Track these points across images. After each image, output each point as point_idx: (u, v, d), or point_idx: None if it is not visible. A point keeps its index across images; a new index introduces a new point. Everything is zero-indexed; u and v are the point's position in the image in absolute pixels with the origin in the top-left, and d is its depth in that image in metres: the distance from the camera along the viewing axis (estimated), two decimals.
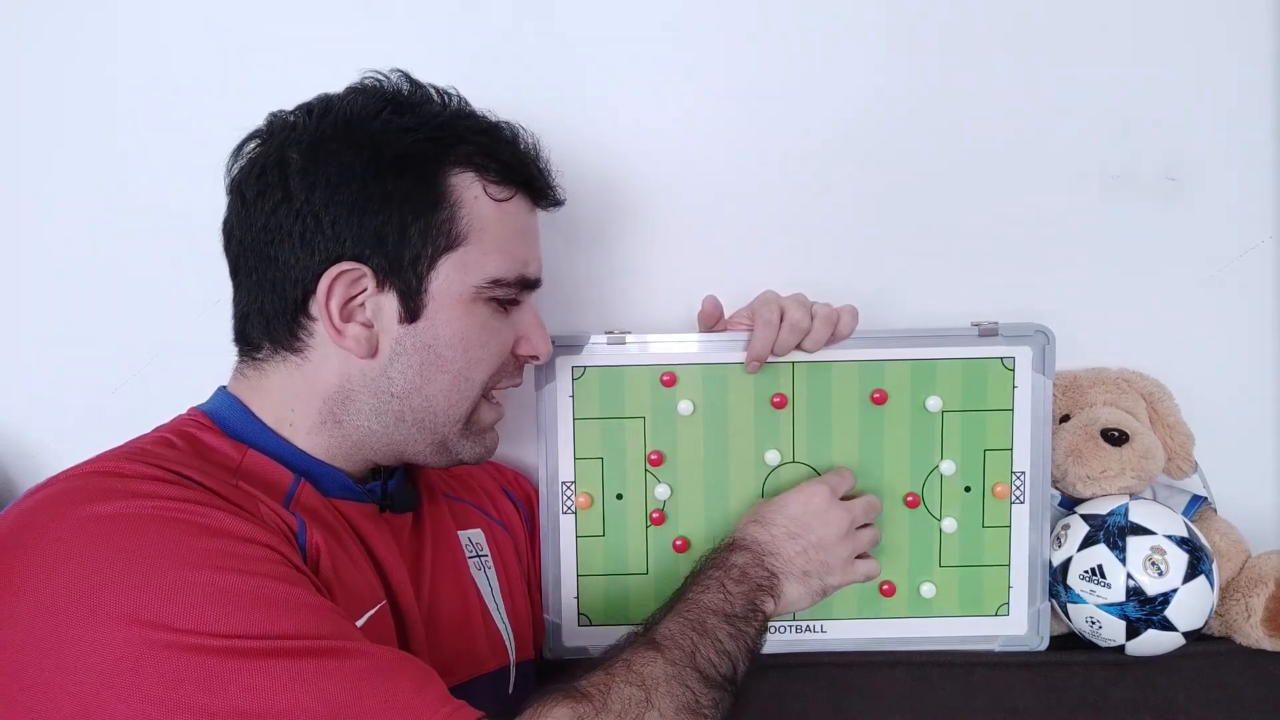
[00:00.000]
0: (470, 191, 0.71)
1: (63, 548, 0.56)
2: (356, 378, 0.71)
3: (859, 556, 0.84)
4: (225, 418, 0.72)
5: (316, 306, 0.69)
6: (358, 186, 0.68)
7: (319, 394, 0.71)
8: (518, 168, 0.74)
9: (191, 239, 0.92)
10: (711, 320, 0.88)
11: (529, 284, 0.76)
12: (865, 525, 0.85)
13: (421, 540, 0.79)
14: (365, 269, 0.69)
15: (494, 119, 0.76)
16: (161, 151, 0.96)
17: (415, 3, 0.96)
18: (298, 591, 0.59)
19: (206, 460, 0.67)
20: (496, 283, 0.73)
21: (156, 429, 0.72)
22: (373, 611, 0.68)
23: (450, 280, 0.71)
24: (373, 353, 0.71)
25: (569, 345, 0.89)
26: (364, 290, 0.69)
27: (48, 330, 0.99)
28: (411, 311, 0.70)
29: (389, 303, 0.70)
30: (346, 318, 0.70)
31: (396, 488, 0.78)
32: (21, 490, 0.98)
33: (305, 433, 0.72)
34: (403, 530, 0.78)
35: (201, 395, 0.75)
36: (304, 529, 0.66)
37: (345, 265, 0.68)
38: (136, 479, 0.60)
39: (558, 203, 0.81)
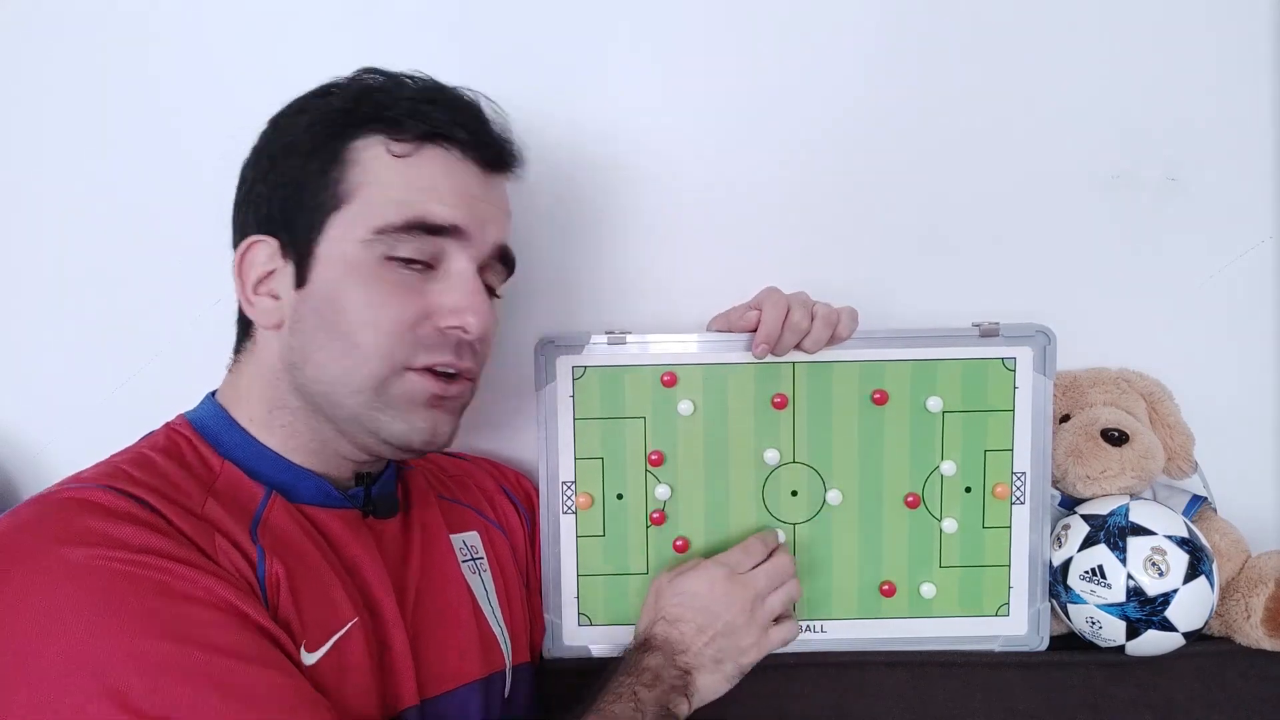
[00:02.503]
0: (369, 152, 0.70)
1: (25, 597, 0.56)
2: (280, 354, 0.71)
3: (776, 620, 0.83)
4: (208, 426, 0.72)
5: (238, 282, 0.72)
6: (269, 163, 0.71)
7: (265, 380, 0.72)
8: (423, 119, 0.71)
9: (192, 239, 0.93)
10: (748, 327, 0.86)
11: (432, 230, 0.70)
12: (778, 590, 0.83)
13: (409, 545, 0.78)
14: (273, 240, 0.71)
15: (430, 83, 0.74)
16: (163, 151, 0.96)
17: (416, 2, 0.96)
18: (243, 670, 0.58)
19: (184, 478, 0.66)
20: (381, 232, 0.69)
21: (145, 438, 0.72)
22: (341, 633, 0.66)
23: (336, 240, 0.69)
24: (279, 324, 0.71)
25: (569, 345, 0.88)
26: (273, 262, 0.71)
27: (48, 330, 0.98)
28: (301, 276, 0.70)
29: (289, 271, 0.71)
30: (261, 291, 0.71)
31: (380, 493, 0.76)
32: (21, 490, 0.98)
33: (269, 430, 0.72)
34: (388, 536, 0.76)
35: (201, 396, 0.75)
36: (263, 560, 0.64)
37: (255, 237, 0.71)
38: (107, 517, 0.60)
39: (500, 155, 0.75)
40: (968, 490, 0.90)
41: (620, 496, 0.90)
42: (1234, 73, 0.97)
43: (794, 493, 0.90)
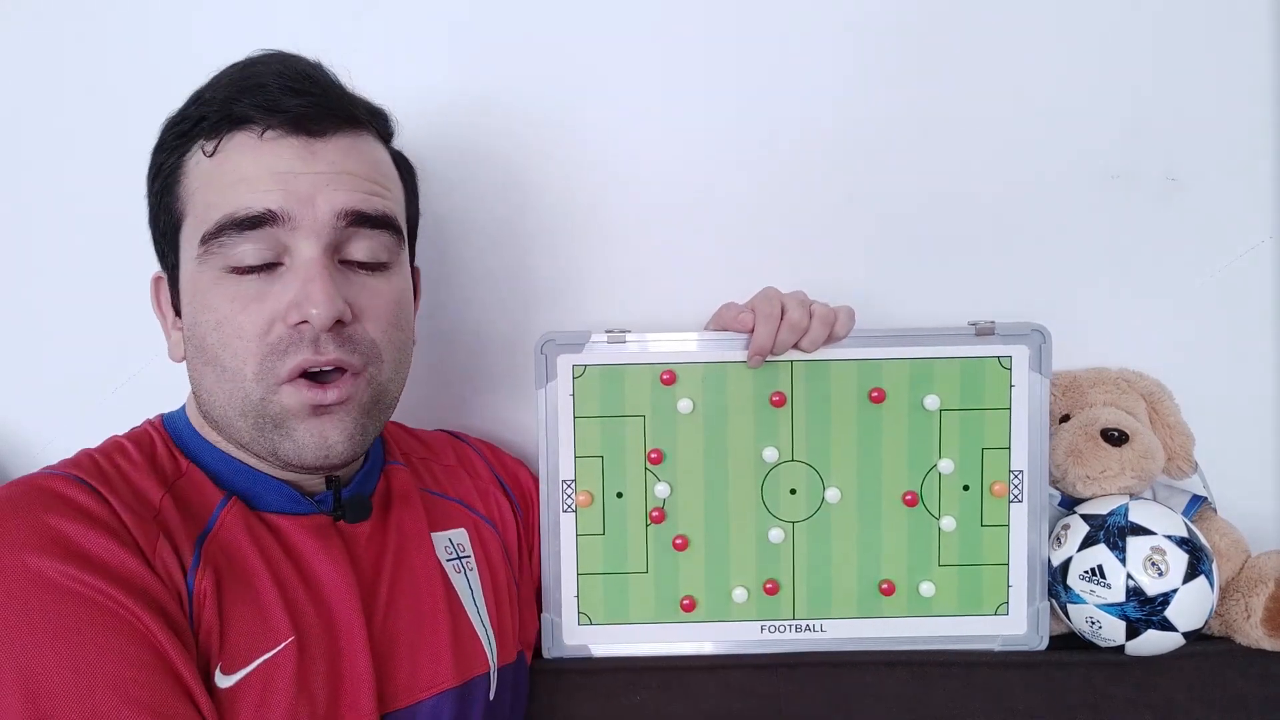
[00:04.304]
0: (192, 160, 0.68)
1: None
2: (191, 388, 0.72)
3: None
4: (178, 428, 0.73)
5: None
6: (148, 199, 0.72)
7: (195, 405, 0.72)
8: (220, 105, 0.66)
9: None
10: (743, 328, 0.86)
11: (245, 224, 0.64)
12: None
13: (384, 549, 0.76)
14: (165, 275, 0.72)
15: (243, 63, 0.70)
16: None
17: (419, 9, 0.96)
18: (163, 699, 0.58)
19: (149, 473, 0.67)
20: (205, 241, 0.65)
21: (128, 431, 0.73)
22: (269, 655, 0.65)
23: (186, 261, 0.68)
24: (183, 357, 0.71)
25: (569, 344, 0.89)
26: (167, 294, 0.72)
27: (48, 329, 0.99)
28: (177, 305, 0.70)
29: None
30: (176, 326, 0.71)
31: (351, 495, 0.74)
32: None
33: (224, 442, 0.72)
34: (361, 540, 0.74)
35: None
36: (195, 571, 0.64)
37: (157, 273, 0.73)
38: (67, 513, 0.61)
39: (315, 116, 0.67)
40: (965, 488, 0.90)
41: (620, 495, 0.90)
42: (1234, 73, 0.97)
43: (793, 491, 0.90)
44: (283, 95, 0.66)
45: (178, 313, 0.70)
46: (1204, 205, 0.98)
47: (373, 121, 0.73)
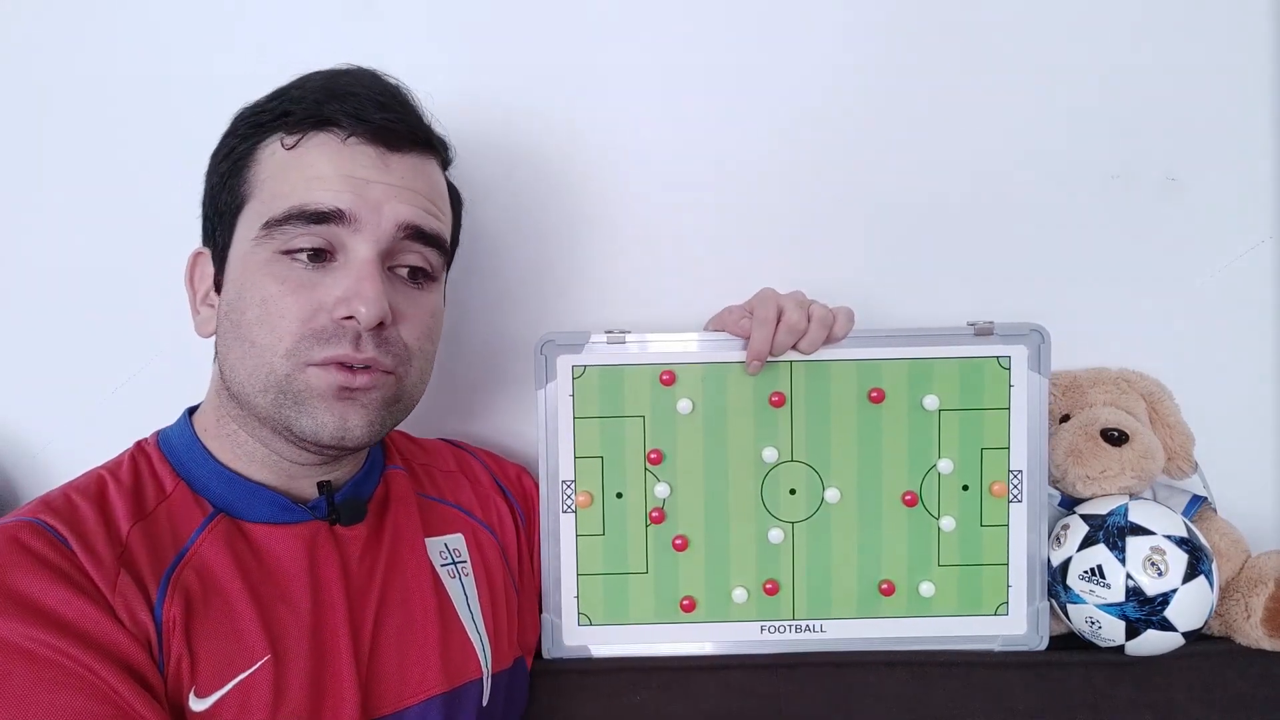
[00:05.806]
0: (267, 150, 0.71)
1: None
2: (217, 362, 0.73)
3: None
4: (172, 444, 0.73)
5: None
6: (209, 179, 0.74)
7: (215, 390, 0.73)
8: (308, 108, 0.70)
9: (194, 239, 0.93)
10: (741, 334, 0.87)
11: (312, 218, 0.68)
12: None
13: (377, 553, 0.76)
14: (208, 251, 0.74)
15: (335, 71, 0.74)
16: (162, 150, 0.97)
17: (418, 10, 0.96)
18: None
19: (124, 506, 0.67)
20: (268, 226, 0.68)
21: (113, 459, 0.73)
22: (246, 674, 0.65)
23: (240, 242, 0.70)
24: (213, 332, 0.72)
25: (569, 344, 0.89)
26: (208, 271, 0.73)
27: (48, 330, 0.99)
28: (219, 281, 0.72)
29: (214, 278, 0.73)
30: (207, 302, 0.73)
31: (346, 498, 0.75)
32: (21, 490, 0.99)
33: (220, 442, 0.72)
34: (355, 544, 0.75)
35: (201, 396, 0.76)
36: (162, 603, 0.64)
37: (198, 249, 0.75)
38: (26, 567, 0.61)
39: (397, 133, 0.71)
40: (965, 488, 0.90)
41: (620, 495, 0.90)
42: (1234, 73, 0.97)
43: (792, 491, 0.90)
44: (371, 107, 0.70)
45: (217, 289, 0.72)
46: (1204, 205, 0.98)
47: (439, 149, 0.78)
